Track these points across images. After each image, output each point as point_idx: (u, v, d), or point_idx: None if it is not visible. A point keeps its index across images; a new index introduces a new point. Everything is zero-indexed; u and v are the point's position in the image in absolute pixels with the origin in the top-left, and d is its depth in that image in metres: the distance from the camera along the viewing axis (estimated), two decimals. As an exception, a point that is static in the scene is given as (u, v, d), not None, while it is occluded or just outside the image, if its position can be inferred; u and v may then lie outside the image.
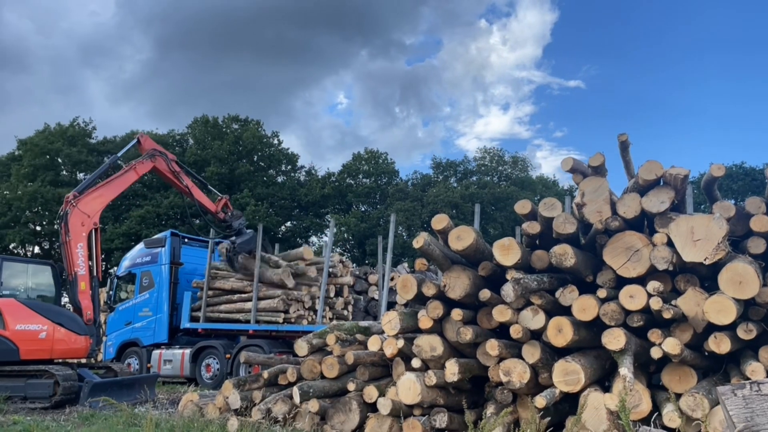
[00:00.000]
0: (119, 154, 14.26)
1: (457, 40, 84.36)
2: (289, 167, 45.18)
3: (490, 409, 6.90)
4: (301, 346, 8.89)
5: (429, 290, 7.46)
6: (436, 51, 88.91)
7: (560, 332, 6.60)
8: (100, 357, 17.05)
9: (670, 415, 5.90)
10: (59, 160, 39.62)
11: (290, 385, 8.49)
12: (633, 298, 6.43)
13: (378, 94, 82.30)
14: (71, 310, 12.40)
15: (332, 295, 14.96)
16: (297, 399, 7.91)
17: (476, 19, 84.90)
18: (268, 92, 76.63)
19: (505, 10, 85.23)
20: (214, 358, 15.08)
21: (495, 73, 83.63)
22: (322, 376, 8.40)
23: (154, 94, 75.71)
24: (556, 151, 69.74)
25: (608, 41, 76.21)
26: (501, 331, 7.41)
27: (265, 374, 8.81)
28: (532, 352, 6.71)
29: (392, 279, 13.87)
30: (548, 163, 73.57)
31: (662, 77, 71.65)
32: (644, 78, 73.40)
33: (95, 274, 12.56)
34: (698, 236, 6.37)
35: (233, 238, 14.92)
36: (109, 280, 17.94)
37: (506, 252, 7.02)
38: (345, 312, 15.12)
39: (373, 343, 8.21)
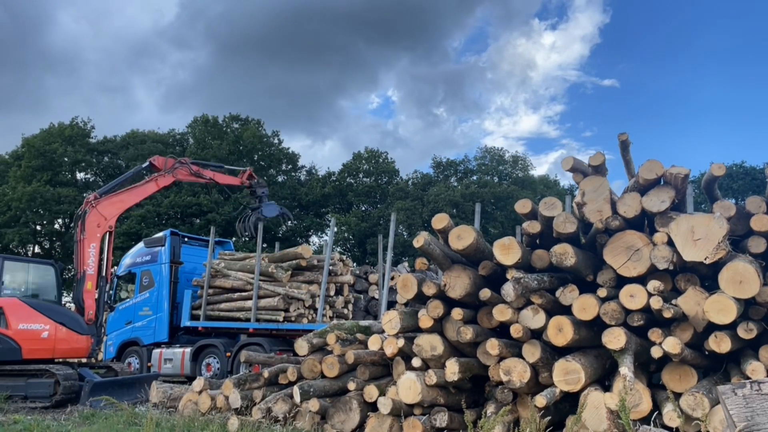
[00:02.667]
0: (143, 166, 14.51)
1: (508, 40, 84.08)
2: (289, 167, 45.18)
3: (490, 409, 6.90)
4: (301, 346, 8.90)
5: (429, 289, 7.46)
6: (484, 50, 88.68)
7: (560, 331, 6.60)
8: (100, 356, 17.11)
9: (670, 415, 5.90)
10: (62, 159, 39.57)
11: (291, 384, 8.50)
12: (633, 297, 6.43)
13: (421, 94, 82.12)
14: (74, 309, 12.42)
15: (332, 293, 14.95)
16: (297, 398, 7.91)
17: (530, 19, 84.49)
18: (314, 95, 77.08)
19: (558, 11, 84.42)
20: (215, 357, 15.08)
21: (540, 72, 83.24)
22: (323, 376, 8.41)
23: (202, 99, 76.25)
24: (584, 151, 69.12)
25: (650, 41, 75.40)
26: (501, 331, 7.41)
27: (266, 373, 8.83)
28: (532, 352, 6.71)
29: (392, 278, 13.86)
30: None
31: (691, 78, 71.37)
32: (676, 78, 72.91)
33: (104, 274, 12.76)
34: (699, 235, 6.37)
35: (255, 204, 15.65)
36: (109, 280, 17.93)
37: (506, 251, 7.02)
38: (345, 311, 15.10)
39: (374, 343, 8.22)
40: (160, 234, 17.21)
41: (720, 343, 6.23)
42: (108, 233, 12.82)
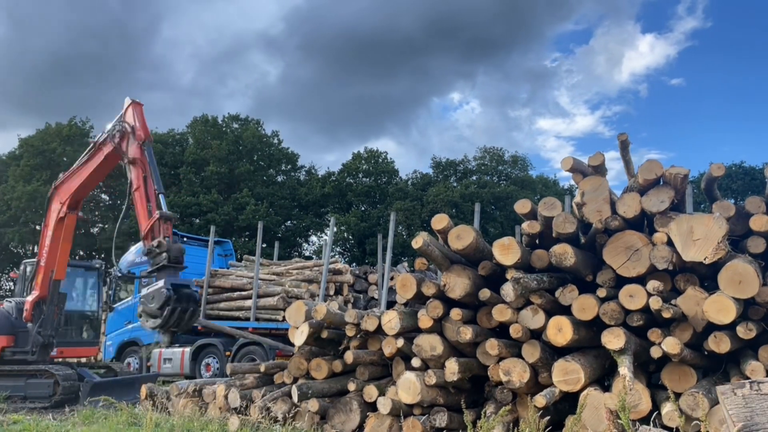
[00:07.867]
0: (109, 127, 11.31)
1: (602, 42, 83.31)
2: (289, 166, 45.16)
3: (489, 409, 6.89)
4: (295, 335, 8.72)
5: (429, 290, 7.45)
6: (574, 53, 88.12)
7: (560, 331, 6.60)
8: (99, 356, 17.10)
9: (669, 415, 5.90)
10: (61, 158, 39.50)
11: (288, 384, 8.49)
12: (633, 297, 6.43)
13: (507, 95, 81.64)
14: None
15: (332, 293, 14.97)
16: (295, 398, 7.90)
17: (628, 21, 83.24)
18: (404, 102, 76.92)
19: (658, 15, 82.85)
20: (214, 357, 15.09)
21: (624, 75, 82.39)
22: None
23: (290, 106, 76.44)
24: (636, 151, 68.32)
25: (739, 45, 73.52)
26: (501, 331, 7.41)
27: (262, 367, 8.97)
28: (531, 352, 6.71)
29: (392, 278, 13.86)
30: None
31: (741, 78, 70.18)
32: (736, 77, 71.76)
33: (55, 268, 11.41)
34: (698, 236, 6.37)
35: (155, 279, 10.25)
36: (108, 280, 17.91)
37: (506, 251, 7.01)
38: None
39: (373, 343, 8.20)
40: (160, 234, 17.16)
41: (719, 343, 6.23)
42: (66, 217, 11.24)
